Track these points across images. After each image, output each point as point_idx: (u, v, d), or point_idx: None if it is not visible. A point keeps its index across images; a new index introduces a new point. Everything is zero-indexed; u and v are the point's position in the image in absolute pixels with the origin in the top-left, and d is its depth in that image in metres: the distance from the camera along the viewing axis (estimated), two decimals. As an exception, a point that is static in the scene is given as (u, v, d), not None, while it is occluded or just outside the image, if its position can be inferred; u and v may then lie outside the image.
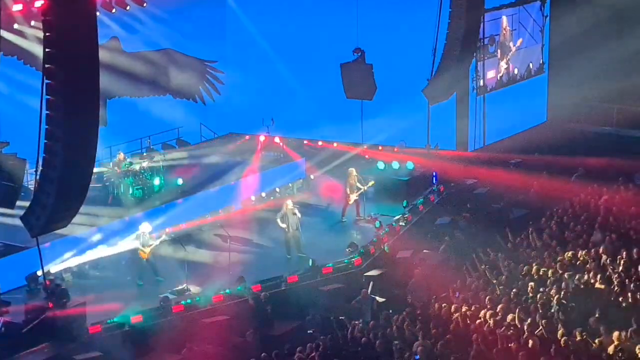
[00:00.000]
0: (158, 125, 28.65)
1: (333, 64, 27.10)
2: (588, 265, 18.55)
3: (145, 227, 21.62)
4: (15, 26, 23.19)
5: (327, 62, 27.62)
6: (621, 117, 30.51)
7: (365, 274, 20.87)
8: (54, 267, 20.94)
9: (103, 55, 21.23)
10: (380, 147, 28.35)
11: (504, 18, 29.97)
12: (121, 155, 25.73)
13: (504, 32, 30.02)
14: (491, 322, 16.44)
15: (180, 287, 20.58)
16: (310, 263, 21.26)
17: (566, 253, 19.29)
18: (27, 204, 17.41)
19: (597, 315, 16.31)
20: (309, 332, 18.62)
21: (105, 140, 23.73)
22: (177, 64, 28.10)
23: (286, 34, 28.99)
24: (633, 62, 28.55)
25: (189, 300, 19.38)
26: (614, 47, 28.80)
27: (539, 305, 16.94)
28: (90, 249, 22.26)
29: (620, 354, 14.89)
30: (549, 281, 18.10)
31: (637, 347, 14.84)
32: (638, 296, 16.88)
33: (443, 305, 17.74)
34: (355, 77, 26.70)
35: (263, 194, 26.62)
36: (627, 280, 17.56)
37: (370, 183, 25.15)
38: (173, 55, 27.97)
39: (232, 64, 30.20)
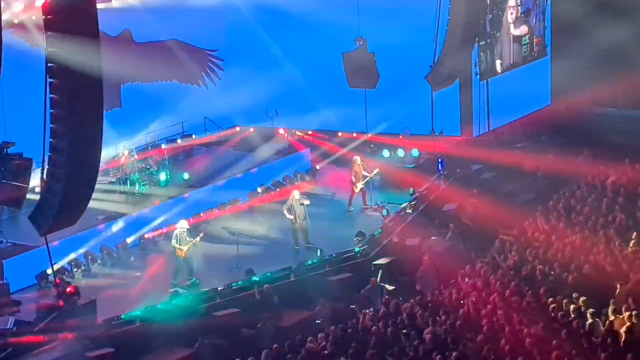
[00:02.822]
0: (162, 120, 28.72)
1: (335, 53, 27.02)
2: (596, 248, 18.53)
3: (183, 224, 21.23)
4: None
5: (329, 52, 27.56)
6: (625, 98, 30.39)
7: (374, 262, 20.89)
8: (62, 265, 21.01)
9: (116, 45, 22.33)
10: (385, 135, 28.30)
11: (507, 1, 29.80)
12: (126, 151, 25.75)
13: (506, 15, 29.89)
14: (500, 306, 16.44)
15: (189, 282, 20.64)
16: (319, 253, 21.29)
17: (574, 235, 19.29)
18: (34, 203, 17.47)
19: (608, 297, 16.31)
20: (317, 322, 18.66)
21: (110, 136, 23.75)
22: (182, 52, 29.22)
23: (288, 24, 28.91)
24: (636, 42, 28.41)
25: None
26: (616, 28, 28.64)
27: (548, 289, 16.93)
28: (99, 245, 22.38)
29: (631, 335, 14.87)
30: (557, 264, 18.09)
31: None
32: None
33: (452, 291, 17.74)
34: (357, 66, 26.65)
35: (268, 186, 26.62)
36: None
37: (375, 171, 25.13)
38: (178, 44, 29.11)
39: (234, 56, 30.18)
